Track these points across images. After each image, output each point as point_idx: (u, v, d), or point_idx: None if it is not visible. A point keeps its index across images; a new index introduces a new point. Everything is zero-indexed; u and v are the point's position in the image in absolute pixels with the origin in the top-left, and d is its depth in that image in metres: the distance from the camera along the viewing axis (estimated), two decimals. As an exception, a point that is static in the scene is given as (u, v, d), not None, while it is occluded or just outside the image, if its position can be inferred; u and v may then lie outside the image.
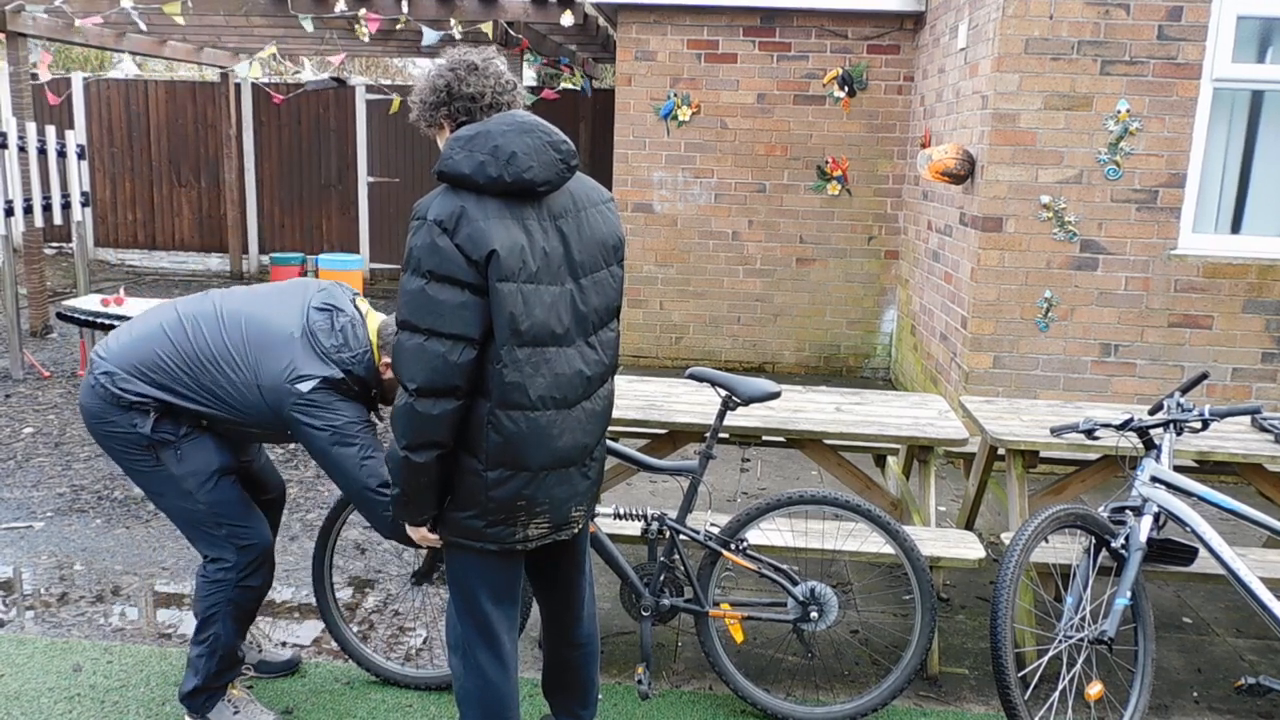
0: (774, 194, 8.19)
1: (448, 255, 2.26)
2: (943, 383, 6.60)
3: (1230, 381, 5.85)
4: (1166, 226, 5.74)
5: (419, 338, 2.28)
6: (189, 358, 2.94)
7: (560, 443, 2.44)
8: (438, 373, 2.27)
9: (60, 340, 8.70)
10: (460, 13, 7.95)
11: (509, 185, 2.30)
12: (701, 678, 3.64)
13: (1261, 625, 4.20)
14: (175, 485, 3.01)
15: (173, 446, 2.98)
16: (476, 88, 2.41)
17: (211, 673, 3.11)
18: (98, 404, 2.97)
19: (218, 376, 2.93)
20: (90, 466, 5.60)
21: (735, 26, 7.97)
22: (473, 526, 2.43)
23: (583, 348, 2.46)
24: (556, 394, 2.40)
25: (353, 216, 12.56)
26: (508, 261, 2.28)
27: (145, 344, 2.99)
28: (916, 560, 3.31)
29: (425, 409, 2.29)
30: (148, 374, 2.94)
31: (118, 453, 3.02)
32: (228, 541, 3.05)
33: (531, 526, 2.47)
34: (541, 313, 2.34)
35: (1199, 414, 3.47)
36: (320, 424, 2.87)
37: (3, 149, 7.23)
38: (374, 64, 19.79)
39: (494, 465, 2.38)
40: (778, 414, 4.05)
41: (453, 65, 2.44)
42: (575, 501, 2.55)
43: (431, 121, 2.49)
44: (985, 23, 5.97)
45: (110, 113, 12.65)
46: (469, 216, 2.27)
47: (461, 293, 2.27)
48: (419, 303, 2.27)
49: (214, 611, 3.06)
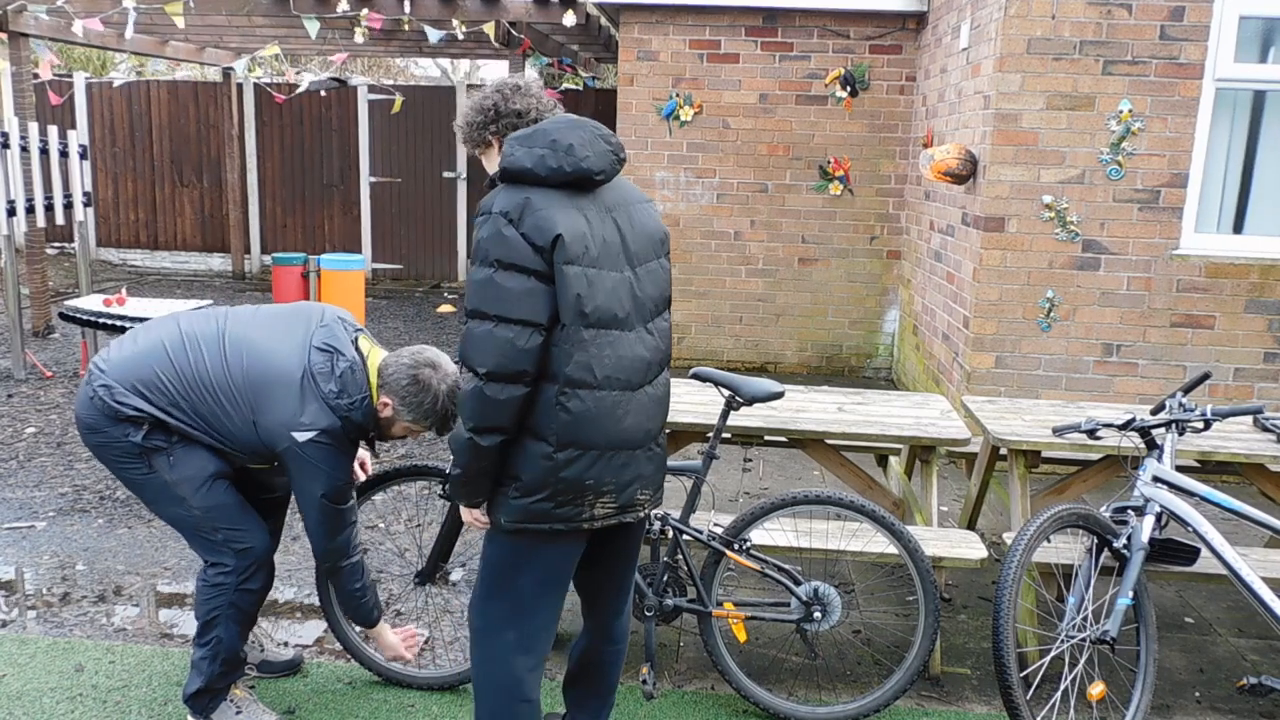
0: (776, 194, 8.20)
1: (514, 244, 2.35)
2: (945, 383, 6.60)
3: (1232, 381, 5.85)
4: (1169, 226, 5.74)
5: (488, 324, 2.36)
6: (188, 382, 2.95)
7: (625, 423, 2.51)
8: (506, 357, 2.35)
9: (62, 340, 8.71)
10: (462, 13, 7.96)
11: (569, 175, 2.42)
12: (704, 677, 3.64)
13: (1263, 625, 4.20)
14: (169, 492, 3.01)
15: (165, 453, 2.98)
16: (522, 105, 2.58)
17: (215, 675, 3.11)
18: (93, 415, 2.97)
19: (214, 408, 2.95)
20: (92, 467, 5.60)
21: (737, 26, 7.97)
22: (542, 509, 2.47)
23: (642, 334, 2.56)
24: (621, 375, 2.49)
25: (355, 217, 12.57)
26: (572, 245, 2.38)
27: (146, 360, 2.99)
28: (920, 560, 3.31)
29: (494, 393, 2.36)
30: (145, 393, 2.95)
31: (112, 461, 3.02)
32: (225, 546, 3.05)
33: (598, 506, 2.53)
34: (604, 297, 2.44)
35: (1201, 414, 3.47)
36: (310, 474, 2.94)
37: (5, 149, 7.24)
38: (376, 64, 19.80)
39: (564, 446, 2.44)
40: (780, 414, 4.05)
41: (498, 87, 2.62)
42: (641, 484, 2.61)
43: (480, 140, 2.64)
44: (987, 23, 5.97)
45: (112, 112, 12.66)
46: (533, 206, 2.37)
47: (528, 279, 2.35)
48: (487, 291, 2.36)
49: (215, 615, 3.06)
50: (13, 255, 7.48)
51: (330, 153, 12.48)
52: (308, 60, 15.64)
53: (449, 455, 5.90)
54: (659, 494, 2.72)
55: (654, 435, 2.63)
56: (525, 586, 2.58)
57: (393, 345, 9.05)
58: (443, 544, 3.41)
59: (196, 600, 3.10)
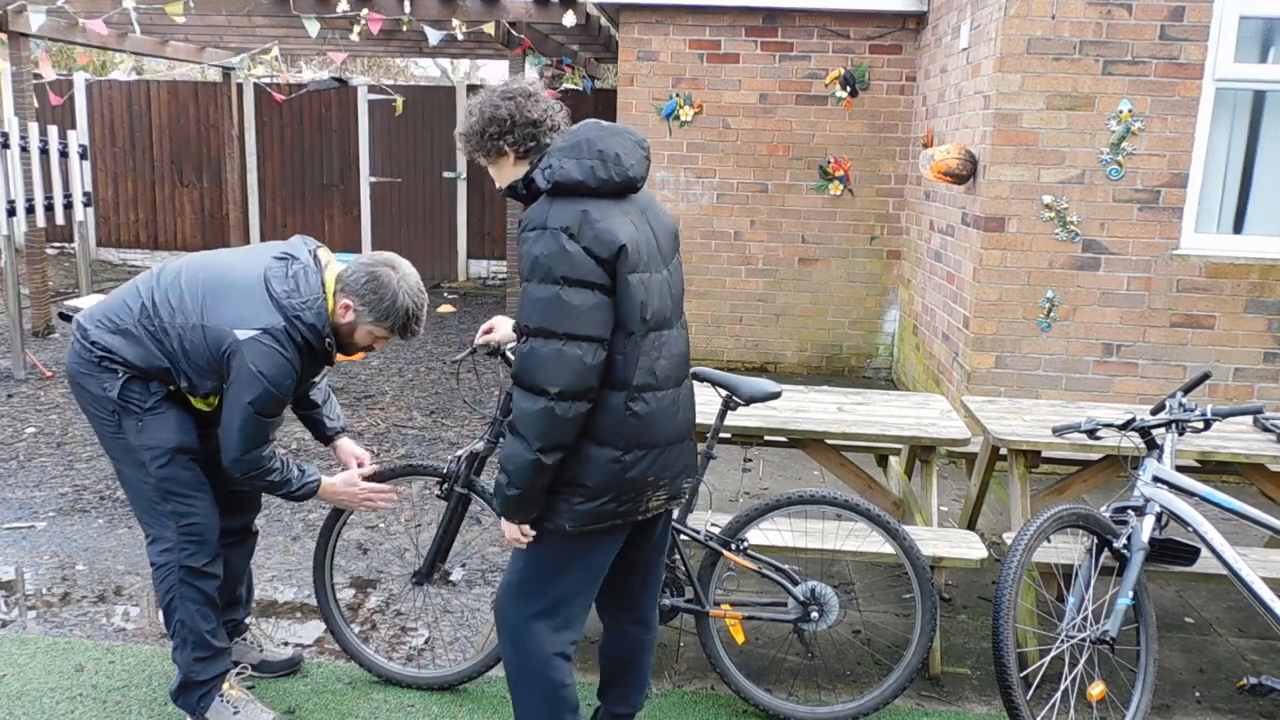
0: (776, 194, 8.19)
1: (578, 260, 2.36)
2: (945, 383, 6.59)
3: (1232, 381, 5.85)
4: (1169, 226, 5.73)
5: (556, 343, 2.35)
6: (148, 302, 2.99)
7: (679, 417, 2.60)
8: (578, 375, 2.36)
9: (62, 340, 8.71)
10: (462, 13, 7.96)
11: (618, 185, 2.45)
12: (703, 678, 3.64)
13: (1264, 625, 4.20)
14: (131, 455, 3.03)
15: (135, 417, 3.00)
16: (538, 113, 2.54)
17: (190, 664, 3.09)
18: (74, 360, 3.03)
19: (172, 318, 2.95)
20: (92, 466, 5.60)
21: (737, 26, 7.97)
22: (607, 510, 2.51)
23: (679, 329, 2.63)
24: (674, 373, 2.57)
25: (355, 216, 12.57)
26: (634, 254, 2.43)
27: (117, 295, 3.08)
28: (917, 560, 3.31)
29: (564, 412, 2.37)
30: (111, 320, 3.00)
31: (89, 412, 3.07)
32: (170, 519, 3.04)
33: (653, 499, 2.59)
34: (658, 300, 2.51)
35: (1201, 414, 3.47)
36: (244, 378, 2.87)
37: (5, 149, 7.24)
38: (376, 64, 19.80)
39: (630, 448, 2.48)
40: (780, 414, 4.05)
41: (509, 94, 2.55)
42: (687, 473, 2.69)
43: (491, 150, 2.58)
44: (987, 23, 5.97)
45: (112, 112, 12.67)
46: (591, 219, 2.38)
47: (594, 294, 2.37)
48: (555, 309, 2.35)
49: (170, 597, 3.06)
50: (13, 255, 7.48)
51: (330, 152, 12.48)
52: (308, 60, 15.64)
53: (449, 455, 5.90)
54: (696, 477, 2.79)
55: (693, 425, 2.71)
56: (567, 583, 2.62)
57: (393, 345, 9.06)
58: (441, 544, 3.41)
59: (154, 589, 3.10)
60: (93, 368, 2.99)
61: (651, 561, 2.87)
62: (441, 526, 3.38)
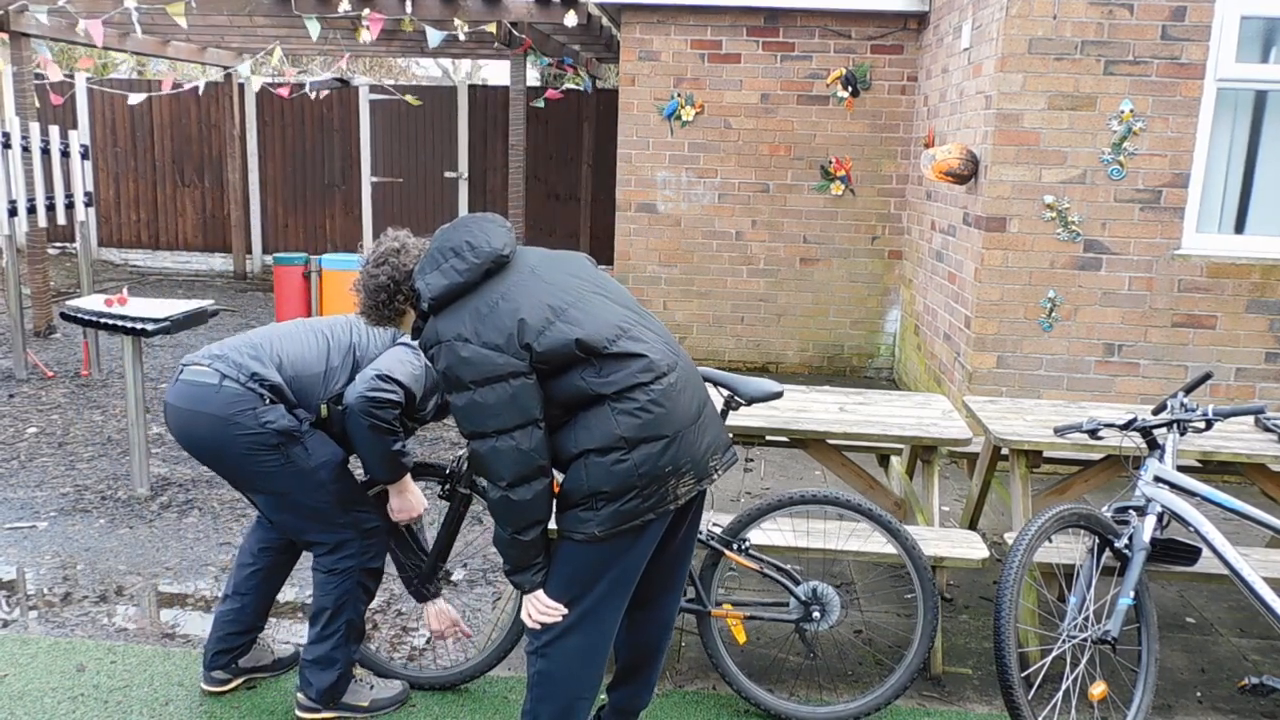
0: (777, 194, 8.19)
1: (478, 362, 2.41)
2: (946, 383, 6.59)
3: (1234, 381, 5.84)
4: (1170, 226, 5.73)
5: (490, 441, 2.43)
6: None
7: (684, 401, 2.56)
8: (519, 463, 2.44)
9: (64, 340, 8.72)
10: (464, 13, 7.96)
11: (485, 266, 2.50)
12: (704, 678, 3.64)
13: (1265, 625, 4.20)
14: (308, 479, 3.07)
15: (300, 443, 3.06)
16: (409, 260, 2.66)
17: (350, 657, 3.22)
18: (224, 405, 3.01)
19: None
20: (94, 466, 5.61)
21: (739, 26, 7.97)
22: (632, 508, 2.50)
23: (646, 321, 2.62)
24: (664, 362, 2.55)
25: (356, 217, 12.56)
26: (533, 318, 2.44)
27: (243, 338, 3.20)
28: (918, 560, 3.31)
29: (520, 496, 2.45)
30: (255, 353, 3.10)
31: (243, 457, 3.03)
32: (351, 528, 3.14)
33: (680, 485, 2.57)
34: (595, 322, 2.49)
35: (1202, 414, 3.47)
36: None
37: (6, 149, 7.25)
38: (378, 64, 19.80)
39: (635, 445, 2.47)
40: (782, 414, 4.04)
41: (380, 259, 2.68)
42: (711, 452, 2.64)
43: (395, 315, 2.71)
44: (989, 23, 5.97)
45: (113, 112, 12.67)
46: (479, 314, 2.44)
47: (508, 385, 2.42)
48: (476, 412, 2.43)
49: (345, 600, 3.16)
50: (14, 255, 7.48)
51: (332, 153, 12.48)
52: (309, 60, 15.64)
53: (449, 455, 5.90)
54: (730, 451, 2.75)
55: (705, 400, 2.67)
56: (601, 589, 2.59)
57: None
58: (442, 544, 3.41)
59: (319, 594, 3.17)
60: (248, 406, 3.00)
61: (677, 559, 2.86)
62: (443, 526, 3.38)
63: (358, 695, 3.29)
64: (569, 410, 2.50)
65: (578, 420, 2.49)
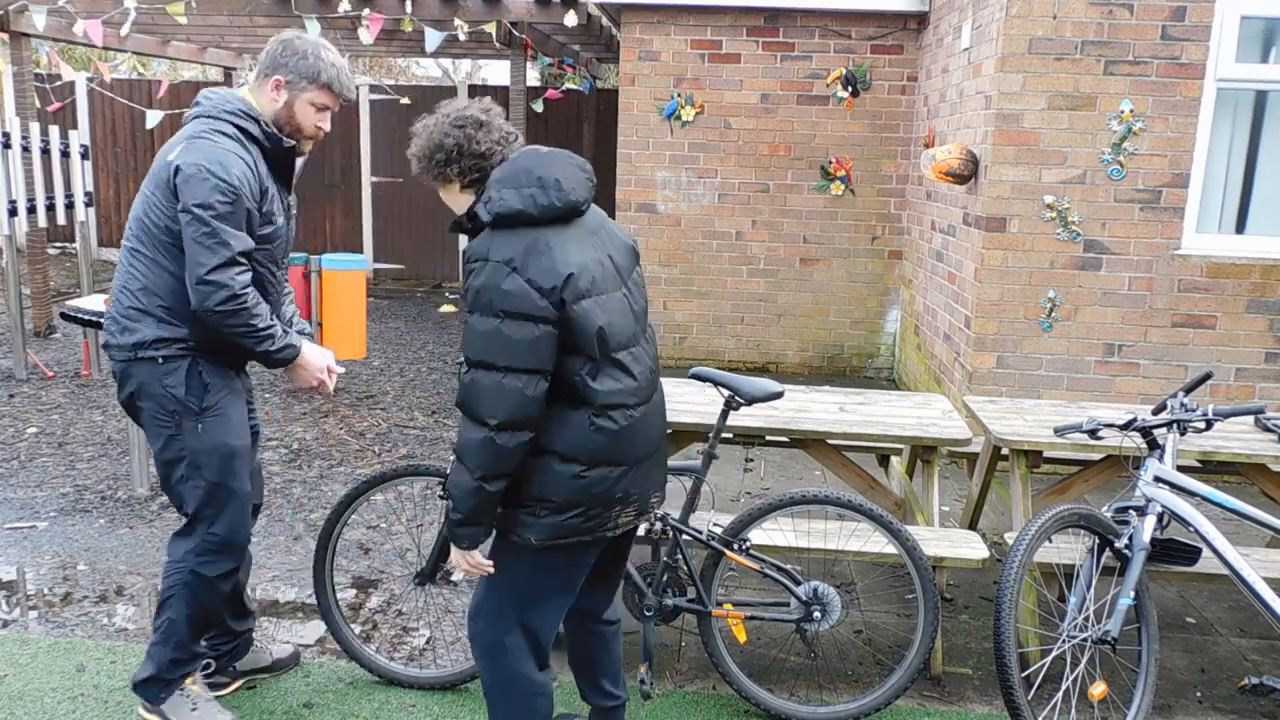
0: (777, 194, 8.19)
1: (519, 294, 2.34)
2: (946, 383, 6.59)
3: (1234, 381, 5.84)
4: (1170, 226, 5.73)
5: (496, 375, 2.36)
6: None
7: (649, 434, 2.58)
8: (517, 407, 2.36)
9: (64, 340, 8.72)
10: (464, 13, 7.96)
11: (560, 210, 2.42)
12: (705, 678, 3.64)
13: (1265, 625, 4.20)
14: (187, 458, 2.99)
15: (195, 418, 2.95)
16: (485, 145, 2.49)
17: (165, 663, 3.09)
18: (122, 361, 2.98)
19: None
20: (94, 466, 5.61)
21: (739, 26, 7.97)
22: (573, 524, 2.49)
23: (644, 344, 2.62)
24: (645, 390, 2.56)
25: (356, 217, 12.57)
26: (582, 280, 2.40)
27: None
28: (919, 560, 3.31)
29: (504, 442, 2.38)
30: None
31: (149, 416, 2.99)
32: (203, 524, 3.04)
33: (622, 515, 2.57)
34: (618, 319, 2.49)
35: (1202, 414, 3.47)
36: (189, 181, 2.75)
37: (6, 149, 7.25)
38: (377, 63, 19.80)
39: (595, 464, 2.47)
40: (782, 414, 4.05)
41: (459, 122, 2.50)
42: (654, 489, 2.67)
43: (439, 176, 2.54)
44: (989, 23, 5.97)
45: (113, 112, 12.67)
46: (535, 250, 2.37)
47: (536, 327, 2.35)
48: (494, 342, 2.35)
49: (171, 593, 3.05)
50: (14, 255, 7.48)
51: (332, 153, 12.47)
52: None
53: (448, 455, 5.89)
54: (664, 490, 2.77)
55: (664, 436, 2.69)
56: (542, 597, 2.62)
57: (395, 345, 9.06)
58: (443, 544, 3.41)
59: (161, 578, 3.12)
60: (151, 372, 2.94)
61: (613, 579, 2.91)
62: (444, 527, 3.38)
63: (178, 711, 3.13)
64: (550, 399, 2.44)
65: (554, 416, 2.45)
